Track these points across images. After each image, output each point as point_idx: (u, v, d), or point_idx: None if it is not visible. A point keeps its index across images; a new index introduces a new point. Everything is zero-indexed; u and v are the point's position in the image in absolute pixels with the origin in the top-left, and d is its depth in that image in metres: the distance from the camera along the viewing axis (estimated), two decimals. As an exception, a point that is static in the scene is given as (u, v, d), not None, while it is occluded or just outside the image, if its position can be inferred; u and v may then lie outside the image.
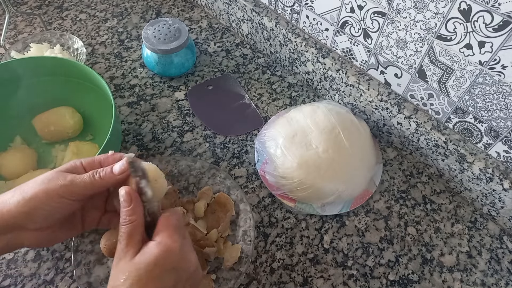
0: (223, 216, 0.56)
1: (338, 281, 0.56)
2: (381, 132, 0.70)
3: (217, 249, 0.53)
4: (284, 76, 0.80)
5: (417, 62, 0.58)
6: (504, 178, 0.56)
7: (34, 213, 0.38)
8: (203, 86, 0.77)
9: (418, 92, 0.61)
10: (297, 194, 0.60)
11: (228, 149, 0.69)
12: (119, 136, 0.66)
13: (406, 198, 0.64)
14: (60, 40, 0.79)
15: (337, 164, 0.59)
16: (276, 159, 0.61)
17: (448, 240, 0.60)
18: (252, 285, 0.55)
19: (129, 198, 0.38)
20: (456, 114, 0.58)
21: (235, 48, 0.84)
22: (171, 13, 0.91)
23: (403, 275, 0.57)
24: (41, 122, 0.64)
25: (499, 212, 0.60)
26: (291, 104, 0.75)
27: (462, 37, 0.50)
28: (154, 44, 0.71)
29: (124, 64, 0.80)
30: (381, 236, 0.60)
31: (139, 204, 0.39)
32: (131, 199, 0.38)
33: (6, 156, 0.61)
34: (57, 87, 0.66)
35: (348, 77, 0.67)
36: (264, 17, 0.75)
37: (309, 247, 0.59)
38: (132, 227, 0.37)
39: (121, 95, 0.75)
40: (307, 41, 0.71)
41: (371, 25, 0.60)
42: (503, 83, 0.50)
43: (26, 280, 0.54)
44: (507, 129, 0.54)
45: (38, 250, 0.56)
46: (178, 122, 0.72)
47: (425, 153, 0.65)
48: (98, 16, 0.89)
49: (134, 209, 0.38)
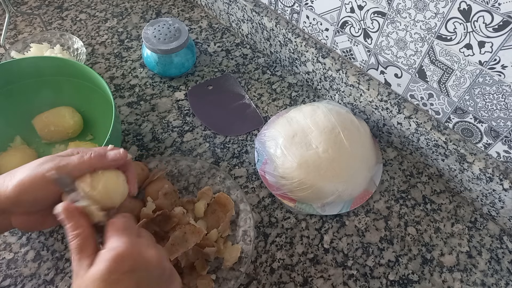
0: (223, 216, 0.56)
1: (338, 281, 0.56)
2: (381, 132, 0.70)
3: (217, 249, 0.53)
4: (284, 76, 0.80)
5: (417, 62, 0.58)
6: (504, 178, 0.56)
7: (20, 199, 0.38)
8: (203, 86, 0.77)
9: (418, 92, 0.61)
10: (297, 194, 0.60)
11: (228, 149, 0.69)
12: (119, 136, 0.66)
13: (406, 198, 0.64)
14: (60, 40, 0.79)
15: (337, 164, 0.59)
16: (276, 159, 0.61)
17: (448, 240, 0.60)
18: (252, 285, 0.55)
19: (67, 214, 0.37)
20: (456, 114, 0.58)
21: (235, 48, 0.84)
22: (171, 13, 0.91)
23: (403, 275, 0.57)
24: (41, 122, 0.64)
25: (499, 212, 0.60)
26: (291, 104, 0.75)
27: (462, 37, 0.50)
28: (154, 44, 0.71)
29: (124, 64, 0.80)
30: (381, 236, 0.60)
31: (80, 217, 0.37)
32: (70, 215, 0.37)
33: (6, 156, 0.61)
34: (57, 87, 0.66)
35: (348, 77, 0.67)
36: (264, 17, 0.75)
37: (309, 247, 0.59)
38: (80, 240, 0.36)
39: (121, 95, 0.75)
40: (307, 41, 0.71)
41: (371, 25, 0.60)
42: (503, 83, 0.50)
43: (26, 280, 0.54)
44: (507, 129, 0.54)
45: (38, 250, 0.56)
46: (178, 122, 0.72)
47: (425, 153, 0.65)
48: (98, 16, 0.89)
49: (77, 224, 0.37)
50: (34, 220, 0.41)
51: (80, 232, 0.37)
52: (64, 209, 0.37)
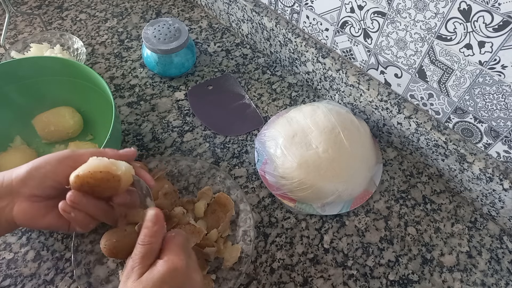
0: (223, 216, 0.56)
1: (338, 281, 0.56)
2: (381, 132, 0.70)
3: (217, 249, 0.53)
4: (284, 76, 0.80)
5: (417, 62, 0.58)
6: (504, 178, 0.56)
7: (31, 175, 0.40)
8: (203, 86, 0.77)
9: (418, 92, 0.61)
10: (297, 194, 0.60)
11: (228, 149, 0.69)
12: (119, 136, 0.66)
13: (406, 198, 0.64)
14: (60, 40, 0.79)
15: (337, 164, 0.59)
16: (276, 159, 0.61)
17: (448, 240, 0.60)
18: (252, 285, 0.55)
19: (156, 220, 0.38)
20: (456, 114, 0.58)
21: (235, 48, 0.84)
22: (171, 13, 0.91)
23: (403, 275, 0.57)
24: (41, 122, 0.64)
25: (499, 212, 0.60)
26: (291, 104, 0.75)
27: (462, 37, 0.50)
28: (154, 44, 0.71)
29: (124, 64, 0.80)
30: (381, 236, 0.60)
31: (162, 229, 0.39)
32: (157, 222, 0.38)
33: (6, 156, 0.61)
34: (57, 87, 0.66)
35: (348, 77, 0.67)
36: (264, 17, 0.75)
37: (309, 247, 0.59)
38: (149, 248, 0.37)
39: (121, 95, 0.75)
40: (307, 41, 0.71)
41: (371, 25, 0.60)
42: (503, 83, 0.50)
43: (26, 280, 0.54)
44: (507, 129, 0.54)
45: (38, 250, 0.56)
46: (178, 122, 0.72)
47: (425, 153, 0.65)
48: (98, 16, 0.89)
49: (157, 232, 0.38)
50: (36, 209, 0.41)
51: (154, 241, 0.38)
52: (156, 214, 0.39)
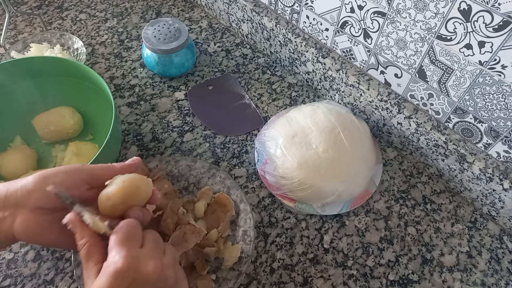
0: (223, 216, 0.56)
1: (338, 281, 0.56)
2: (381, 132, 0.70)
3: (217, 249, 0.53)
4: (284, 76, 0.80)
5: (417, 62, 0.58)
6: (504, 178, 0.56)
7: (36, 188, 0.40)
8: (203, 86, 0.77)
9: (418, 92, 0.61)
10: (297, 194, 0.60)
11: (228, 149, 0.69)
12: (119, 136, 0.66)
13: (406, 198, 0.64)
14: (60, 40, 0.79)
15: (337, 164, 0.59)
16: (276, 159, 0.61)
17: (448, 240, 0.60)
18: (252, 285, 0.55)
19: (72, 224, 0.39)
20: (456, 114, 0.58)
21: (235, 48, 0.84)
22: (171, 13, 0.91)
23: (403, 275, 0.57)
24: (41, 122, 0.64)
25: (499, 212, 0.60)
26: (291, 104, 0.75)
27: (462, 37, 0.50)
28: (154, 44, 0.71)
29: (124, 64, 0.80)
30: (381, 236, 0.60)
31: (85, 227, 0.39)
32: (75, 225, 0.39)
33: (6, 156, 0.61)
34: (57, 87, 0.66)
35: (348, 77, 0.67)
36: (264, 17, 0.75)
37: (309, 247, 0.59)
38: (86, 249, 0.38)
39: (121, 95, 0.75)
40: (307, 41, 0.71)
41: (371, 25, 0.60)
42: (503, 83, 0.50)
43: (26, 280, 0.54)
44: (507, 129, 0.54)
45: (38, 250, 0.56)
46: (178, 122, 0.72)
47: (425, 153, 0.65)
48: (98, 16, 0.89)
49: (82, 233, 0.38)
50: (40, 223, 0.41)
51: (86, 241, 0.38)
52: (69, 220, 0.39)
